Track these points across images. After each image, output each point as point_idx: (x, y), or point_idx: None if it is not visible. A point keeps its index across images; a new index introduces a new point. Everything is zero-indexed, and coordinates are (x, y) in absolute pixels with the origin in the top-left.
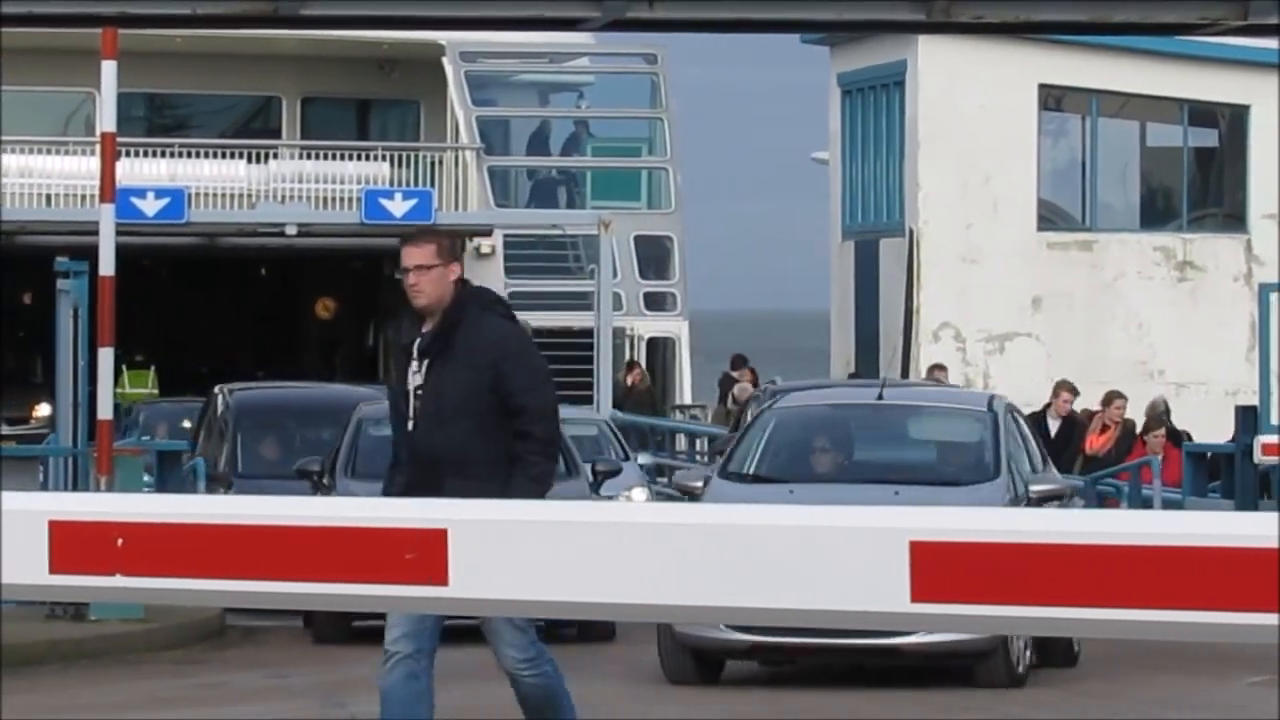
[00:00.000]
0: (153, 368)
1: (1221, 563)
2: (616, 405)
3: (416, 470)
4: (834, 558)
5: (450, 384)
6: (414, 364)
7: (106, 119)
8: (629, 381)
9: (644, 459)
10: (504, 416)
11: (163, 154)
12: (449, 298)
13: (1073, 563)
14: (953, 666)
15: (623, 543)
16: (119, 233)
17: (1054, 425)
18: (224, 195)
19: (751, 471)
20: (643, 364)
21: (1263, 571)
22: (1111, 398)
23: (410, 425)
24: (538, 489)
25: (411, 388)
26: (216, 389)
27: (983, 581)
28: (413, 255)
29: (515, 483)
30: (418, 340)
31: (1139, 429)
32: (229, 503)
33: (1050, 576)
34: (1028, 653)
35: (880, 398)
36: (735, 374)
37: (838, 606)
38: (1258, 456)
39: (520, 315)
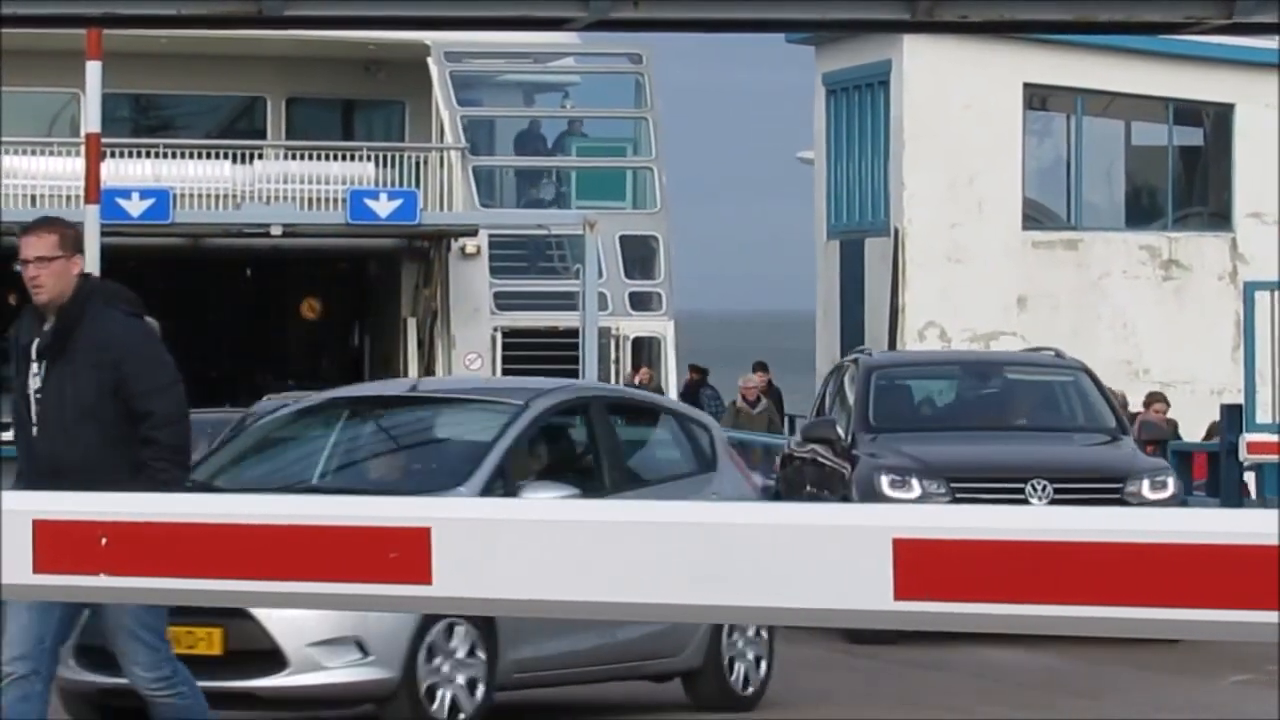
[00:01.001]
0: None
1: (1219, 560)
2: None
3: (38, 482)
4: (816, 556)
5: (71, 388)
6: (34, 365)
7: (91, 120)
8: (636, 381)
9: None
10: (131, 422)
11: (147, 155)
12: (70, 292)
13: (1061, 560)
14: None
15: (605, 541)
16: (104, 233)
17: None
18: (209, 196)
19: (216, 481)
20: (627, 363)
21: (1262, 569)
22: (1152, 400)
23: (34, 432)
24: None
25: (31, 392)
26: (265, 399)
27: (967, 579)
28: (32, 246)
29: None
30: (36, 340)
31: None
32: (212, 502)
33: (1038, 574)
34: (449, 693)
35: (415, 389)
36: (754, 376)
37: (820, 605)
38: (1243, 455)
39: (506, 315)
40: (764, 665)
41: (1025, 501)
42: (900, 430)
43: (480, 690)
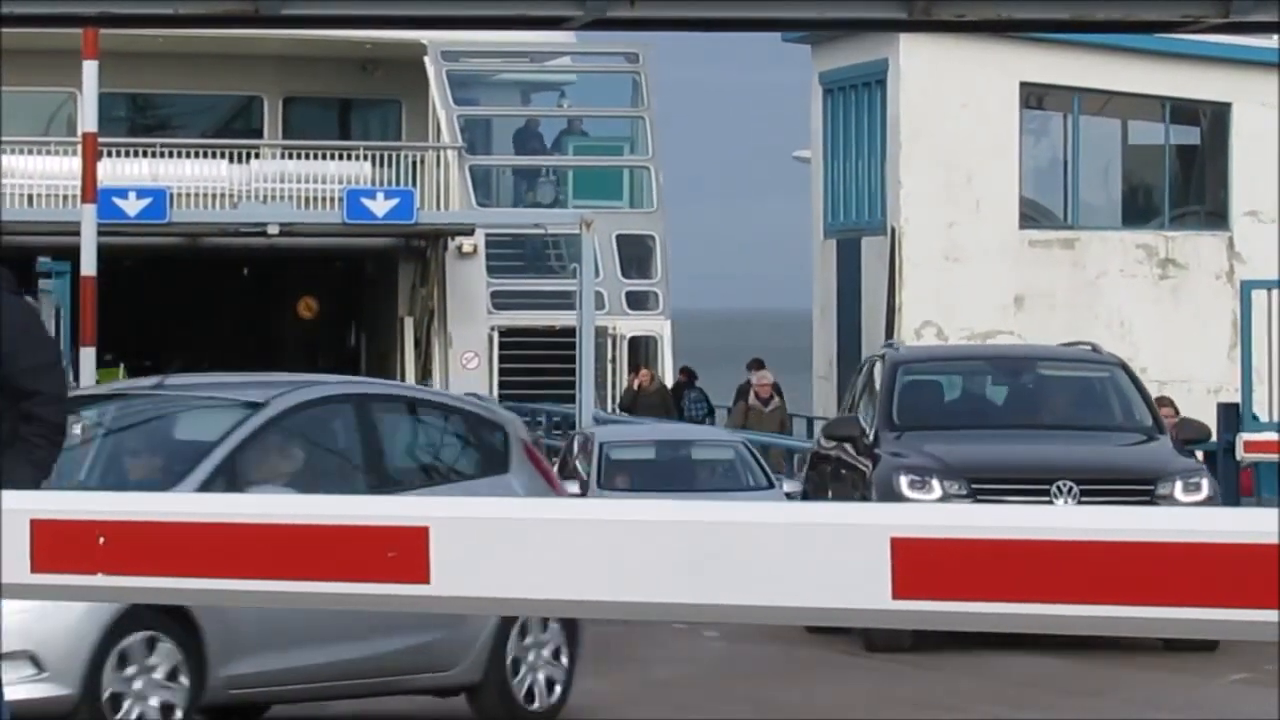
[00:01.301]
0: (122, 365)
1: (1219, 559)
2: (626, 409)
3: None
4: (815, 554)
5: None
6: None
7: (88, 119)
8: (636, 384)
9: (789, 486)
10: (11, 400)
11: (144, 154)
12: None
13: (1060, 559)
14: None
15: (603, 540)
16: (101, 233)
17: None
18: (206, 195)
19: None
20: (624, 362)
21: (1262, 568)
22: (1160, 404)
23: None
24: (36, 474)
25: None
26: None
27: (966, 578)
28: None
29: (13, 465)
30: None
31: None
32: (211, 501)
33: (1037, 573)
34: (139, 710)
35: (160, 386)
36: (766, 373)
37: (819, 604)
38: (1240, 454)
39: (503, 314)
40: (558, 689)
41: (1050, 504)
42: (925, 428)
43: (177, 716)
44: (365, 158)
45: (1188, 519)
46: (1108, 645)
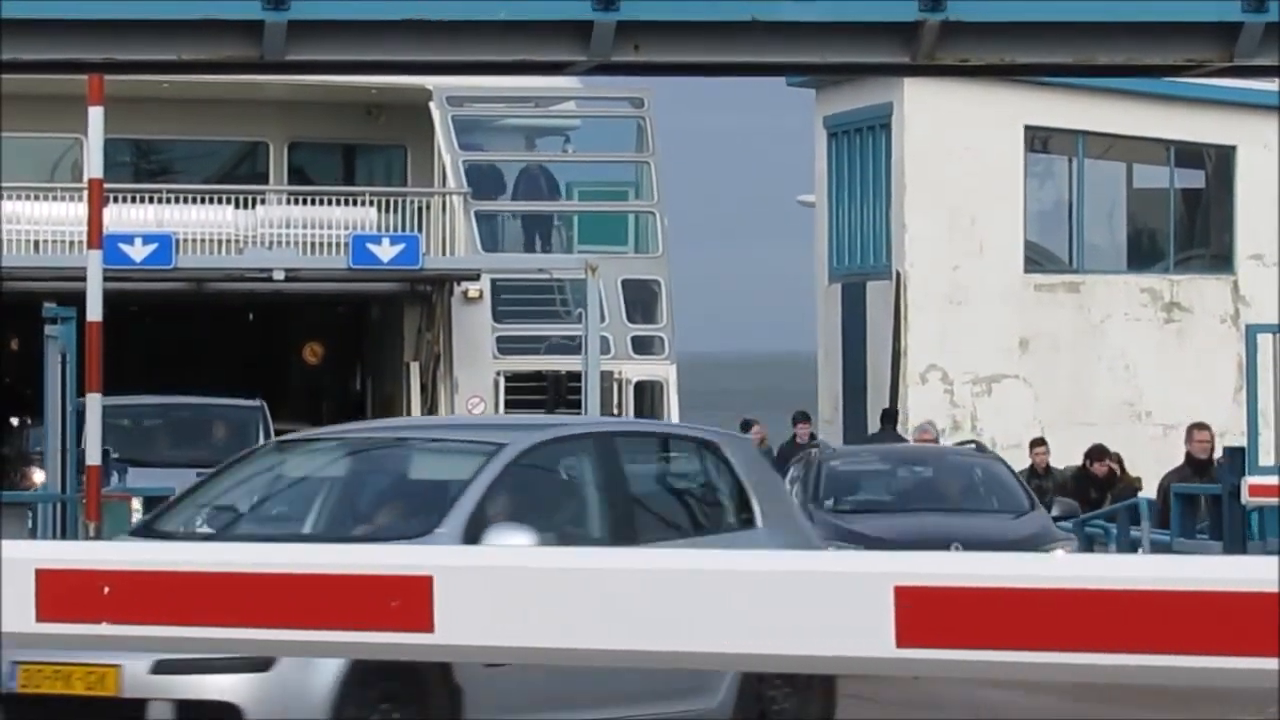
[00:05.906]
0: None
1: (1220, 607)
2: None
3: None
4: (818, 603)
5: None
6: None
7: (94, 165)
8: (755, 440)
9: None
10: None
11: (150, 199)
12: None
13: (1063, 607)
14: None
15: (606, 590)
16: (107, 278)
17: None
18: (211, 240)
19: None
20: (630, 407)
21: (1263, 615)
22: (1193, 431)
23: None
24: None
25: None
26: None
27: (969, 626)
28: None
29: None
30: None
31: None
32: (214, 550)
33: (1039, 621)
34: None
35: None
36: (795, 429)
37: (823, 652)
38: (1245, 498)
39: (508, 359)
40: None
41: None
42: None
43: None
44: (371, 203)
45: (1192, 568)
46: (1092, 690)
